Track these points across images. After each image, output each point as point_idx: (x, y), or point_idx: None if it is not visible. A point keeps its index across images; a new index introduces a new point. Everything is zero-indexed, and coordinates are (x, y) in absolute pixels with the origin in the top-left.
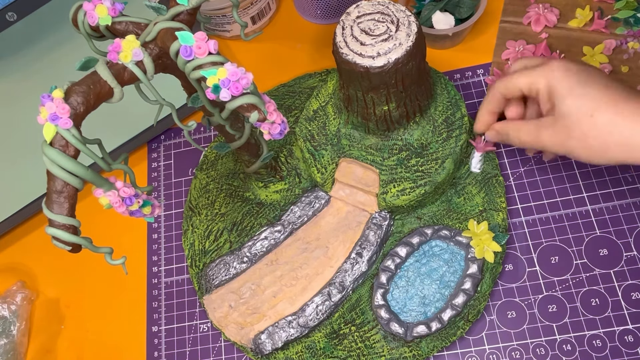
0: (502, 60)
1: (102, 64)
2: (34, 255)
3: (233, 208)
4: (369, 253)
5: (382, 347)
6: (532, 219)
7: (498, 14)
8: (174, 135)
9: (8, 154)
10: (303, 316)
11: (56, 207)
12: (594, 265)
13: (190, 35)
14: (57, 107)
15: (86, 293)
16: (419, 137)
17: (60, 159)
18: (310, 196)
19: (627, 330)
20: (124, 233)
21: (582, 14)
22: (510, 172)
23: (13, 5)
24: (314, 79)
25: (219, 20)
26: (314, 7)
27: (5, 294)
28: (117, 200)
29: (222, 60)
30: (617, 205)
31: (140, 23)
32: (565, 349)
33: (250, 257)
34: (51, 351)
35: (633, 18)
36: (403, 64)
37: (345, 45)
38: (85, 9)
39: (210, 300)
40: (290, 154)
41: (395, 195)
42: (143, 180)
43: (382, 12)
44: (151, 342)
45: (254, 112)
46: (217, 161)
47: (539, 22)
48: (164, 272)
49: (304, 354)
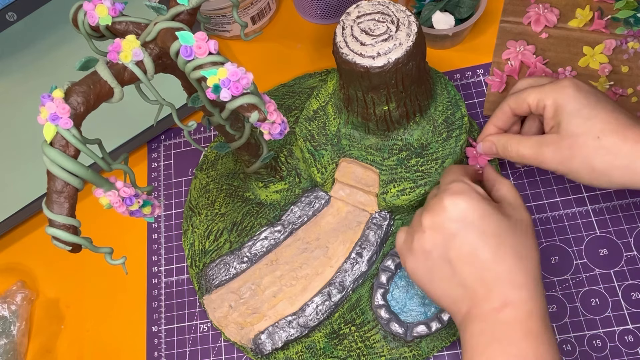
0: (502, 60)
1: (102, 63)
2: (34, 255)
3: (233, 208)
4: (369, 253)
5: (382, 347)
6: (532, 219)
7: (498, 14)
8: (174, 135)
9: (8, 153)
10: (303, 316)
11: (56, 207)
12: (594, 265)
13: (191, 35)
14: (58, 107)
15: (86, 293)
16: (419, 137)
17: (60, 159)
18: (310, 196)
19: (627, 330)
20: (124, 233)
21: (582, 14)
22: (510, 172)
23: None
24: (314, 79)
25: (219, 20)
26: (314, 7)
27: (5, 294)
28: (117, 200)
29: (222, 60)
30: (617, 205)
31: (141, 23)
32: (565, 349)
33: (250, 257)
34: (51, 351)
35: (633, 18)
36: (403, 64)
37: (345, 45)
38: (85, 8)
39: (210, 300)
40: (290, 154)
41: (395, 195)
42: (143, 180)
43: (382, 12)
44: (151, 342)
45: (254, 112)
46: (217, 161)
47: (539, 22)
48: (164, 272)
49: (304, 354)
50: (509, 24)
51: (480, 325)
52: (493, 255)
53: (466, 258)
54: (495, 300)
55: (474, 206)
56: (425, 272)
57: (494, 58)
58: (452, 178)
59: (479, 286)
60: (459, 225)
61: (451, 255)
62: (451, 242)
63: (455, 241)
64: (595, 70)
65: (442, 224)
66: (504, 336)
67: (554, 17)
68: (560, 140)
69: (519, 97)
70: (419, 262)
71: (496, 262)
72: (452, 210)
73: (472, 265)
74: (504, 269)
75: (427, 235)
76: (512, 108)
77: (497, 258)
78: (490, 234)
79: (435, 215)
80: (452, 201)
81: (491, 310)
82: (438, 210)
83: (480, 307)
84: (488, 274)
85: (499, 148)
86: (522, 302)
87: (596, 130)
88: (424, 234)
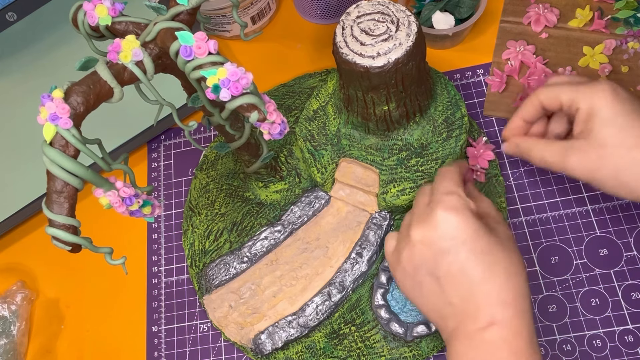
0: (502, 60)
1: (102, 64)
2: (34, 255)
3: (233, 208)
4: (369, 253)
5: (382, 347)
6: (532, 219)
7: (498, 14)
8: (174, 135)
9: (8, 153)
10: (303, 316)
11: (56, 207)
12: (594, 265)
13: (190, 35)
14: (57, 107)
15: (86, 293)
16: (419, 137)
17: (60, 159)
18: (310, 196)
19: (627, 330)
20: (124, 233)
21: (582, 14)
22: (510, 172)
23: (13, 5)
24: (314, 79)
25: (218, 20)
26: (314, 7)
27: (5, 294)
28: (117, 201)
29: (222, 60)
30: (617, 205)
31: (140, 23)
32: (565, 349)
33: (250, 257)
34: (51, 351)
35: (633, 18)
36: (403, 64)
37: (345, 45)
38: (85, 9)
39: (210, 301)
40: (290, 154)
41: (395, 195)
42: (143, 180)
43: (382, 12)
44: (151, 342)
45: (254, 112)
46: (217, 161)
47: (539, 22)
48: (164, 272)
49: (304, 354)
50: (509, 24)
51: (465, 343)
52: (482, 274)
53: (455, 277)
54: (482, 320)
55: (467, 224)
56: (413, 286)
57: (494, 58)
58: (447, 188)
59: (467, 304)
60: (450, 244)
61: (440, 273)
62: (441, 260)
63: (445, 259)
64: (595, 70)
65: (432, 240)
66: (489, 355)
67: (554, 17)
68: (589, 149)
69: (552, 92)
70: (407, 275)
71: (485, 281)
72: (444, 227)
73: (461, 284)
74: (493, 287)
75: (417, 250)
76: (543, 102)
77: (487, 276)
78: (480, 251)
79: (426, 229)
80: (445, 217)
81: (477, 330)
82: (429, 224)
83: (466, 326)
84: (477, 292)
85: (522, 151)
86: (508, 321)
87: (629, 142)
88: (414, 248)
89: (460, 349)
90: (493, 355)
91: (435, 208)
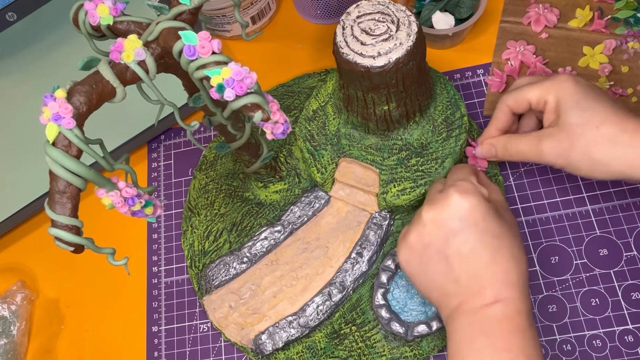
0: (502, 60)
1: (105, 63)
2: (34, 255)
3: (232, 208)
4: (369, 253)
5: (383, 346)
6: (532, 219)
7: (498, 14)
8: (174, 135)
9: (8, 153)
10: (303, 316)
11: (59, 207)
12: (594, 265)
13: (194, 34)
14: (60, 107)
15: (86, 293)
16: (419, 137)
17: (63, 159)
18: (310, 196)
19: (627, 330)
20: (124, 233)
21: (582, 14)
22: (510, 172)
23: (13, 5)
24: (314, 79)
25: (219, 20)
26: (314, 7)
27: (5, 294)
28: (120, 201)
29: (226, 59)
30: (617, 205)
31: (142, 22)
32: (565, 349)
33: (250, 257)
34: (51, 351)
35: (633, 18)
36: (404, 64)
37: (345, 45)
38: (86, 8)
39: (210, 301)
40: (290, 154)
41: (396, 195)
42: (143, 180)
43: (382, 12)
44: (151, 342)
45: (258, 111)
46: (216, 161)
47: (539, 22)
48: (164, 272)
49: (305, 354)
50: (509, 24)
51: (468, 319)
52: (491, 256)
53: (465, 257)
54: (488, 297)
55: (479, 207)
56: (419, 264)
57: (494, 58)
58: (460, 176)
59: (473, 283)
60: (462, 224)
61: (449, 252)
62: (452, 239)
63: (456, 239)
64: (595, 70)
65: (444, 220)
66: (491, 330)
67: (554, 17)
68: (560, 132)
69: (518, 95)
70: (415, 253)
71: (494, 263)
72: (456, 208)
73: (470, 264)
74: (501, 269)
75: (427, 229)
76: (511, 106)
77: (495, 259)
78: (491, 235)
79: (439, 210)
80: (458, 198)
81: (482, 306)
82: (442, 205)
83: (471, 303)
84: (484, 272)
85: (499, 150)
86: (512, 300)
87: (595, 121)
88: (425, 227)
89: (462, 323)
90: (495, 330)
91: (450, 191)
